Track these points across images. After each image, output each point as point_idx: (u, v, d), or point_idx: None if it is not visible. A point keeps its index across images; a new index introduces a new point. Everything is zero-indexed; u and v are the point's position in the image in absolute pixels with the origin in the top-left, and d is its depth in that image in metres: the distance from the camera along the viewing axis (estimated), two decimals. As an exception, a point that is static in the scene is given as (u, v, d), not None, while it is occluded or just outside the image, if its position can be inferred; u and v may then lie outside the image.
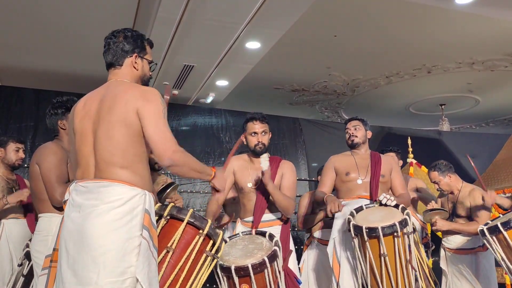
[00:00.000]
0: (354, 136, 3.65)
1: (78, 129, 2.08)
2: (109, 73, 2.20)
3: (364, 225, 2.99)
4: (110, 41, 2.16)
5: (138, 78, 2.19)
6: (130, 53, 2.16)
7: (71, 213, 1.97)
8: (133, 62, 2.17)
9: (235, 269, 2.70)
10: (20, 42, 5.77)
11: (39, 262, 2.71)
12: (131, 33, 2.19)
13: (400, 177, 3.66)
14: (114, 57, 2.15)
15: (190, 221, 2.21)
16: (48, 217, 2.78)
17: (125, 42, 2.15)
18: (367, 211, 3.21)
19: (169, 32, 5.12)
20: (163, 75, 6.40)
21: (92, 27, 5.33)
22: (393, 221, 2.96)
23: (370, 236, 2.97)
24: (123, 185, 1.93)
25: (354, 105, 8.87)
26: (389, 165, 3.61)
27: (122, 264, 1.86)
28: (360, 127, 3.66)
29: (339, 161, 3.68)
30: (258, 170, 3.28)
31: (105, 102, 2.03)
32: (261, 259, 2.72)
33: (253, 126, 3.30)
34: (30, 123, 6.33)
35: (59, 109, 2.93)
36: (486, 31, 6.00)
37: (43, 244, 2.73)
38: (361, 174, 3.55)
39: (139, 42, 2.19)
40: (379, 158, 3.62)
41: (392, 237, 2.94)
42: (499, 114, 9.59)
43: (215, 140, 7.56)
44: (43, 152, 2.83)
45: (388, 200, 3.18)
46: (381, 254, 2.96)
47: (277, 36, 5.43)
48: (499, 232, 3.08)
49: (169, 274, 2.14)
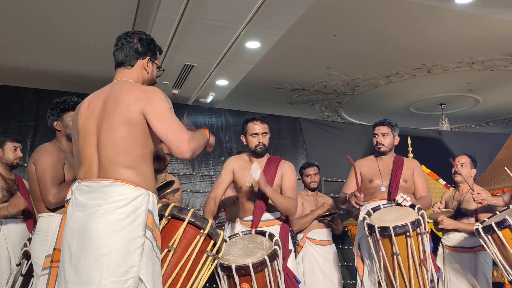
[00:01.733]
0: (381, 145, 3.62)
1: (81, 128, 2.09)
2: (116, 72, 2.21)
3: (376, 224, 3.02)
4: (124, 41, 2.19)
5: (146, 80, 2.23)
6: (143, 55, 2.20)
7: (74, 213, 1.98)
8: (145, 65, 2.20)
9: (235, 268, 2.70)
10: (20, 41, 5.77)
11: (39, 262, 2.70)
12: (145, 36, 2.23)
13: (423, 180, 3.65)
14: (127, 57, 2.18)
15: (191, 221, 2.22)
16: (48, 217, 2.77)
17: (140, 44, 2.19)
18: (384, 211, 3.25)
19: (169, 31, 5.12)
20: (163, 74, 6.37)
21: (92, 27, 5.33)
22: (405, 221, 2.98)
23: (382, 235, 3.01)
24: (127, 185, 1.94)
25: (354, 104, 8.87)
26: (410, 170, 3.62)
27: (125, 264, 1.87)
28: (388, 134, 3.64)
29: (363, 167, 3.67)
30: None
31: (108, 102, 2.04)
32: (262, 258, 2.73)
33: (254, 127, 3.30)
34: (30, 122, 6.33)
35: (55, 110, 2.94)
36: (486, 31, 6.00)
37: (43, 244, 2.72)
38: (384, 181, 3.56)
39: (152, 47, 2.24)
40: (401, 162, 3.62)
41: (405, 236, 2.97)
42: (499, 113, 9.59)
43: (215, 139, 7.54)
44: (39, 152, 2.83)
45: (404, 200, 3.20)
46: (393, 253, 2.99)
47: (277, 36, 5.43)
48: (494, 232, 3.07)
49: (170, 273, 2.14)
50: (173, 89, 6.95)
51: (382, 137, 3.63)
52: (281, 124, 7.70)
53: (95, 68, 6.30)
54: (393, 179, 3.52)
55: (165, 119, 1.98)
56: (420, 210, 3.12)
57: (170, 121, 1.99)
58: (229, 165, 3.37)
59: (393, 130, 3.67)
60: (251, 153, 3.36)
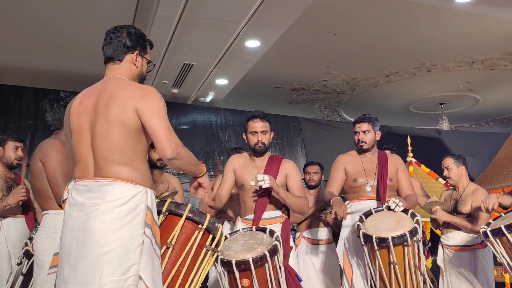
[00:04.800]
0: (363, 142, 3.54)
1: (75, 127, 2.06)
2: (106, 67, 2.17)
3: (374, 235, 2.97)
4: (112, 35, 2.14)
5: (135, 75, 2.17)
6: (131, 49, 2.14)
7: (72, 212, 1.96)
8: (134, 59, 2.15)
9: (236, 263, 2.70)
10: (20, 41, 5.76)
11: (44, 260, 2.67)
12: (134, 30, 2.18)
13: (407, 177, 3.60)
14: (115, 52, 2.13)
15: (189, 216, 2.20)
16: (55, 214, 2.73)
17: (128, 38, 2.14)
18: (376, 217, 3.19)
19: (169, 30, 5.12)
20: (162, 73, 6.40)
21: (92, 26, 5.32)
22: (403, 231, 2.94)
23: (380, 246, 2.97)
24: (125, 183, 1.92)
25: (354, 104, 8.86)
26: (395, 167, 3.56)
27: (126, 262, 1.85)
28: (370, 131, 3.55)
29: (348, 164, 3.58)
30: (259, 168, 3.28)
31: (102, 99, 2.01)
32: (262, 253, 2.72)
33: (254, 125, 3.27)
34: (29, 121, 6.33)
35: (58, 103, 2.90)
36: (486, 30, 5.99)
37: (50, 241, 2.68)
38: (369, 179, 3.48)
39: (141, 41, 2.18)
40: (386, 160, 3.56)
41: (402, 246, 2.95)
42: (498, 113, 9.59)
43: (214, 139, 7.56)
44: (47, 149, 2.79)
45: (396, 206, 3.14)
46: (390, 263, 2.96)
47: (276, 35, 5.43)
48: (503, 235, 3.01)
49: (170, 270, 2.13)
50: (173, 88, 6.94)
51: (364, 135, 3.54)
52: (281, 124, 7.70)
53: (95, 67, 6.25)
54: (380, 179, 3.45)
55: (157, 117, 1.95)
56: (414, 216, 3.08)
57: (163, 119, 1.96)
58: (230, 164, 3.35)
59: (374, 125, 3.58)
60: (252, 152, 3.34)
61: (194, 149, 7.18)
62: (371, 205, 3.39)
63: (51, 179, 2.71)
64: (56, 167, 2.70)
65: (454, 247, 3.94)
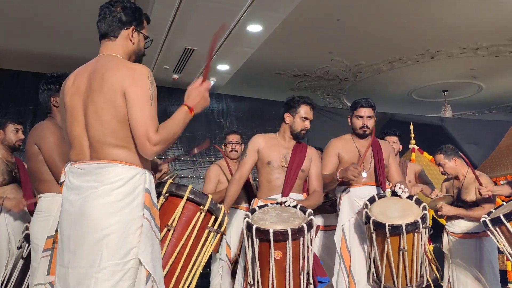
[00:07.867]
0: (367, 127, 3.46)
1: (68, 107, 1.99)
2: (101, 44, 2.08)
3: (387, 223, 2.92)
4: (107, 10, 2.04)
5: (132, 52, 2.08)
6: (127, 25, 2.04)
7: (69, 196, 1.92)
8: (130, 35, 2.05)
9: (273, 232, 2.58)
10: (20, 25, 5.70)
11: (38, 243, 2.66)
12: (129, 4, 2.07)
13: (396, 163, 3.62)
14: (110, 28, 2.03)
15: (190, 198, 2.16)
16: (49, 198, 2.72)
17: (123, 13, 2.03)
18: (383, 203, 3.14)
19: (169, 14, 5.05)
20: (163, 58, 6.34)
21: (92, 10, 5.25)
22: (414, 218, 2.91)
23: (392, 234, 2.92)
24: (122, 165, 1.87)
25: (356, 91, 8.80)
26: (387, 153, 3.54)
27: (125, 245, 1.82)
28: (372, 117, 3.49)
29: (342, 149, 3.53)
30: (288, 148, 3.35)
31: (93, 79, 1.93)
32: (300, 225, 2.63)
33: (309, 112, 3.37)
34: (29, 106, 6.32)
35: (53, 84, 2.86)
36: (491, 16, 5.91)
37: (44, 224, 2.67)
38: (365, 165, 3.41)
39: (137, 15, 2.07)
40: (379, 145, 3.52)
41: (413, 233, 2.92)
42: (502, 100, 9.51)
43: (215, 125, 7.53)
44: (41, 131, 2.76)
45: (402, 192, 3.10)
46: (400, 249, 2.93)
47: (279, 19, 5.36)
48: (502, 224, 3.02)
49: (171, 252, 2.10)
50: (174, 74, 6.89)
51: (368, 120, 3.45)
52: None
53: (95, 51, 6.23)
54: (377, 165, 3.41)
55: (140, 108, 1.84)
56: (419, 202, 3.05)
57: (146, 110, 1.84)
58: (255, 144, 3.33)
59: (375, 111, 3.53)
60: (292, 135, 3.38)
61: (195, 135, 7.15)
62: (370, 190, 3.35)
63: (49, 161, 2.69)
64: (53, 147, 2.68)
65: (459, 234, 3.92)
